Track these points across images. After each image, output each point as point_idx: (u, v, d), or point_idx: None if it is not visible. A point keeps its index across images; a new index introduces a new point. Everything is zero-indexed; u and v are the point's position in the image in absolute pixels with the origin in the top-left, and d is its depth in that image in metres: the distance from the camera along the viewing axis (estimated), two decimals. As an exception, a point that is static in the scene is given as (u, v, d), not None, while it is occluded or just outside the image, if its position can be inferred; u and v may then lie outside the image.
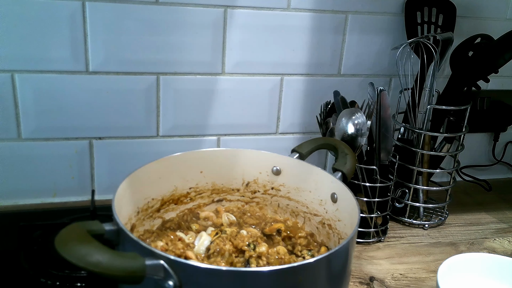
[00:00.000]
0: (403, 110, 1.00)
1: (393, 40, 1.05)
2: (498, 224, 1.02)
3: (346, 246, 0.55)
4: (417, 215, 1.01)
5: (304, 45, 1.00)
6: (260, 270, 0.50)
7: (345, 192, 0.67)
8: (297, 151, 0.75)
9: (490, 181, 1.20)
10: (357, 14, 1.01)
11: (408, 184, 0.98)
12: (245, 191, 0.79)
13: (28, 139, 0.92)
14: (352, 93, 1.01)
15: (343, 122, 0.85)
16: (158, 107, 0.97)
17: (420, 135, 0.96)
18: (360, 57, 1.05)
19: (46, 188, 0.96)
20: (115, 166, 0.98)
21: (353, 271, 0.82)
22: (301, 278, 0.51)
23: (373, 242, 0.92)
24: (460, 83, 0.95)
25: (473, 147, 1.21)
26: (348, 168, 0.70)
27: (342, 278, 0.58)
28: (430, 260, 0.88)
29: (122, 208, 0.64)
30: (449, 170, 1.02)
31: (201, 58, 0.95)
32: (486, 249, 0.93)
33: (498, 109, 1.17)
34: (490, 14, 1.09)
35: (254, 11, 0.95)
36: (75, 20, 0.86)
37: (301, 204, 0.77)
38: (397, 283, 0.81)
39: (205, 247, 0.66)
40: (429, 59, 0.95)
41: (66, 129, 0.93)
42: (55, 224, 0.81)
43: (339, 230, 0.71)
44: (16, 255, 0.75)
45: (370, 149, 0.92)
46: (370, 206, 0.90)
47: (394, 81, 1.09)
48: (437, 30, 1.03)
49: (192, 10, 0.92)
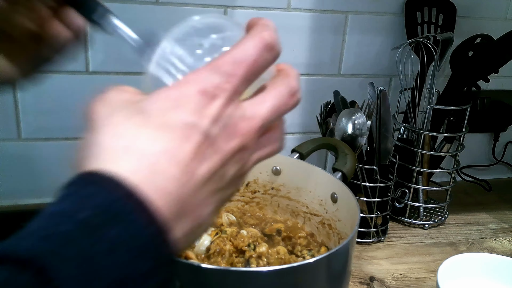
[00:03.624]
0: (403, 110, 1.00)
1: (393, 40, 1.05)
2: (498, 224, 1.02)
3: (346, 246, 0.55)
4: (417, 215, 1.01)
5: (304, 45, 1.00)
6: (260, 270, 0.50)
7: (345, 192, 0.67)
8: (297, 151, 0.75)
9: (490, 181, 1.20)
10: (357, 14, 1.01)
11: (408, 184, 0.98)
12: (245, 191, 0.79)
13: (28, 139, 0.92)
14: (352, 93, 1.01)
15: (343, 122, 0.85)
16: (158, 107, 0.96)
17: (420, 135, 0.96)
18: (360, 57, 1.05)
19: (46, 188, 0.96)
20: (115, 166, 0.98)
21: (353, 271, 0.82)
22: (301, 278, 0.51)
23: (373, 242, 0.92)
24: (460, 83, 0.95)
25: (473, 147, 1.21)
26: (348, 168, 0.70)
27: (342, 278, 0.58)
28: (430, 260, 0.88)
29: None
30: (449, 170, 1.02)
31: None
32: (486, 249, 0.93)
33: (498, 109, 1.17)
34: (490, 14, 1.09)
35: (254, 11, 0.95)
36: (75, 20, 0.86)
37: (301, 204, 0.77)
38: (397, 283, 0.81)
39: (205, 247, 0.66)
40: (429, 59, 0.95)
41: (66, 129, 0.93)
42: (55, 224, 0.81)
43: (339, 230, 0.71)
44: (16, 255, 0.75)
45: (370, 149, 0.92)
46: (370, 206, 0.90)
47: (394, 81, 1.09)
48: (437, 30, 1.03)
49: (192, 10, 0.92)
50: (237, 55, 0.32)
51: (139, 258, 0.27)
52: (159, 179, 0.29)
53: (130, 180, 0.28)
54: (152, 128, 0.30)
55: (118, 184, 0.28)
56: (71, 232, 0.26)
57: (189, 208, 0.30)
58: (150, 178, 0.29)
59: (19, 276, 0.24)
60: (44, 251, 0.25)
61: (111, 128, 0.31)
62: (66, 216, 0.27)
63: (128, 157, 0.29)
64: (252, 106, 0.33)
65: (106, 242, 0.26)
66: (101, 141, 0.30)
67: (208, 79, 0.31)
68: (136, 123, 0.30)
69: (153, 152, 0.29)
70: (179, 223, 0.30)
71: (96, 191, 0.28)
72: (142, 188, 0.28)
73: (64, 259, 0.25)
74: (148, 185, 0.28)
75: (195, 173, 0.30)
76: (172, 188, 0.29)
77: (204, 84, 0.31)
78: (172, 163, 0.29)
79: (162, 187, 0.29)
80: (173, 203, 0.29)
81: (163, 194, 0.29)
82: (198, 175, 0.30)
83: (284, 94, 0.34)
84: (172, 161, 0.29)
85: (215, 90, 0.31)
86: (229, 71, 0.31)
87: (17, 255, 0.25)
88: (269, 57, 0.33)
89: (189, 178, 0.30)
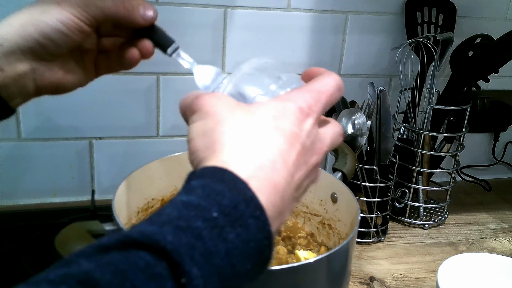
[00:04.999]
0: (403, 110, 1.00)
1: (393, 40, 1.05)
2: (498, 224, 1.02)
3: (346, 246, 0.55)
4: (417, 215, 1.01)
5: (304, 45, 1.00)
6: (260, 270, 0.50)
7: (345, 192, 0.67)
8: (297, 151, 0.75)
9: (490, 181, 1.20)
10: (357, 14, 1.01)
11: (408, 184, 0.98)
12: (245, 191, 0.79)
13: (28, 139, 0.92)
14: (352, 93, 1.01)
15: (343, 122, 0.85)
16: (158, 107, 0.96)
17: (420, 135, 0.96)
18: (360, 57, 1.05)
19: (46, 188, 0.96)
20: (115, 166, 0.98)
21: (353, 271, 0.82)
22: (301, 278, 0.51)
23: (373, 242, 0.92)
24: (460, 83, 0.95)
25: (473, 147, 1.21)
26: (348, 168, 0.70)
27: (342, 278, 0.58)
28: (430, 260, 0.88)
29: (122, 208, 0.64)
30: (449, 170, 1.02)
31: (201, 58, 0.94)
32: (486, 249, 0.93)
33: (498, 109, 1.17)
34: (490, 14, 1.09)
35: (254, 11, 0.95)
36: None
37: (301, 204, 0.77)
38: (397, 283, 0.81)
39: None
40: (429, 59, 0.95)
41: (66, 129, 0.93)
42: (55, 224, 0.81)
43: (339, 230, 0.71)
44: (16, 255, 0.75)
45: (370, 149, 0.92)
46: (370, 206, 0.90)
47: (394, 81, 1.09)
48: (437, 30, 1.03)
49: (192, 10, 0.92)
50: (321, 87, 0.39)
51: (247, 260, 0.30)
52: (276, 176, 0.33)
53: (252, 180, 0.31)
54: (269, 129, 0.34)
55: (243, 187, 0.31)
56: (202, 229, 0.29)
57: (284, 208, 0.34)
58: (269, 175, 0.32)
59: (158, 263, 0.27)
60: (182, 245, 0.28)
61: (236, 122, 0.35)
62: (199, 210, 0.30)
63: (252, 154, 0.33)
64: (324, 131, 0.39)
65: (226, 243, 0.29)
66: (227, 133, 0.34)
67: (303, 100, 0.37)
68: (255, 121, 0.35)
69: (272, 152, 0.33)
70: (277, 219, 0.33)
71: (224, 190, 0.31)
72: (261, 185, 0.32)
73: (195, 255, 0.28)
74: (266, 181, 0.32)
75: (294, 176, 0.34)
76: (281, 186, 0.33)
77: (301, 103, 0.36)
78: (283, 163, 0.34)
79: (276, 182, 0.33)
80: (280, 200, 0.33)
81: (276, 190, 0.32)
82: (296, 179, 0.35)
83: (338, 129, 0.41)
84: (284, 162, 0.34)
85: (308, 109, 0.37)
86: (316, 97, 0.38)
87: (157, 244, 0.27)
88: (339, 95, 0.40)
89: (291, 180, 0.34)
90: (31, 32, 0.44)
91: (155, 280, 0.26)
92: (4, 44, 0.44)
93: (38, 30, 0.44)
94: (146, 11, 0.48)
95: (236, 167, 0.32)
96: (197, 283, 0.27)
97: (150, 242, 0.27)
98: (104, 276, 0.25)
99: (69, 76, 0.49)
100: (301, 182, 0.36)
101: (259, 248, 0.31)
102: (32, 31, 0.44)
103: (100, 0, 0.46)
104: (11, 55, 0.44)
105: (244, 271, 0.30)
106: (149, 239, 0.27)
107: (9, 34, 0.44)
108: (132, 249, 0.27)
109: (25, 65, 0.45)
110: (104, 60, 0.53)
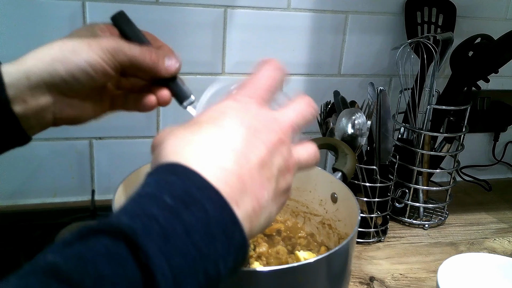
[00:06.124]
0: (403, 110, 1.00)
1: (393, 40, 1.05)
2: (498, 224, 1.02)
3: (346, 246, 0.55)
4: (417, 215, 1.01)
5: (304, 45, 1.00)
6: (260, 270, 0.50)
7: (345, 192, 0.67)
8: (297, 151, 0.75)
9: (490, 181, 1.20)
10: (357, 14, 1.01)
11: (408, 184, 0.98)
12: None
13: (28, 139, 0.92)
14: (352, 93, 1.01)
15: (343, 122, 0.85)
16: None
17: (420, 135, 0.96)
18: (360, 57, 1.05)
19: (46, 188, 0.96)
20: (115, 166, 0.98)
21: (353, 271, 0.82)
22: (301, 278, 0.51)
23: (373, 242, 0.92)
24: (460, 83, 0.95)
25: (473, 147, 1.21)
26: (348, 168, 0.70)
27: (342, 278, 0.58)
28: (430, 260, 0.88)
29: (122, 208, 0.64)
30: (449, 170, 1.02)
31: (201, 58, 0.95)
32: (486, 249, 0.93)
33: (498, 109, 1.17)
34: (490, 14, 1.09)
35: (254, 11, 0.95)
36: (75, 20, 0.86)
37: (301, 204, 0.77)
38: (397, 283, 0.81)
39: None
40: (429, 59, 0.95)
41: (66, 129, 0.92)
42: (55, 224, 0.81)
43: (339, 230, 0.71)
44: (16, 255, 0.75)
45: (370, 149, 0.92)
46: (370, 206, 0.90)
47: (394, 81, 1.09)
48: (437, 30, 1.03)
49: (192, 10, 0.92)
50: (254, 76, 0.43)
51: (213, 241, 0.31)
52: (223, 160, 0.35)
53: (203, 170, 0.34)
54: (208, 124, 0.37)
55: (192, 175, 0.33)
56: (157, 213, 0.31)
57: (248, 187, 0.35)
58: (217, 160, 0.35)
59: (116, 244, 0.28)
60: (138, 225, 0.29)
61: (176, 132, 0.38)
62: (152, 198, 0.32)
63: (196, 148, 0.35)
64: (282, 112, 0.41)
65: (183, 224, 0.31)
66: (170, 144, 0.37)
67: (240, 94, 0.40)
68: (194, 124, 0.37)
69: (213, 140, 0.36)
70: (242, 198, 0.34)
71: (176, 180, 0.33)
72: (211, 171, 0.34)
73: (152, 235, 0.29)
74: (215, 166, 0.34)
75: (248, 156, 0.36)
76: (230, 167, 0.35)
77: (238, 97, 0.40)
78: (228, 147, 0.36)
79: (223, 165, 0.35)
80: (236, 179, 0.34)
81: (226, 171, 0.34)
82: (253, 159, 0.36)
83: (303, 105, 0.43)
84: (227, 145, 0.36)
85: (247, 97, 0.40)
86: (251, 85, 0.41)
87: (113, 227, 0.29)
88: (277, 73, 0.44)
89: (245, 161, 0.36)
90: (60, 70, 0.46)
91: (115, 260, 0.28)
92: (32, 78, 0.45)
93: (66, 69, 0.46)
94: (170, 63, 0.51)
95: (186, 161, 0.34)
96: (158, 262, 0.28)
97: (106, 226, 0.29)
98: (67, 264, 0.27)
99: (87, 110, 0.52)
100: (263, 160, 0.37)
101: (225, 230, 0.32)
102: (61, 69, 0.46)
103: (129, 48, 0.48)
104: (36, 88, 0.46)
105: (214, 254, 0.31)
106: (105, 224, 0.30)
107: (37, 69, 0.46)
108: (91, 236, 0.29)
109: (47, 99, 0.47)
110: (121, 99, 0.55)
